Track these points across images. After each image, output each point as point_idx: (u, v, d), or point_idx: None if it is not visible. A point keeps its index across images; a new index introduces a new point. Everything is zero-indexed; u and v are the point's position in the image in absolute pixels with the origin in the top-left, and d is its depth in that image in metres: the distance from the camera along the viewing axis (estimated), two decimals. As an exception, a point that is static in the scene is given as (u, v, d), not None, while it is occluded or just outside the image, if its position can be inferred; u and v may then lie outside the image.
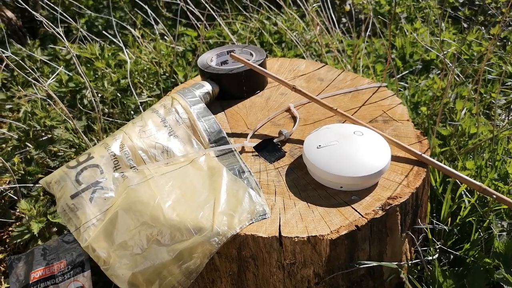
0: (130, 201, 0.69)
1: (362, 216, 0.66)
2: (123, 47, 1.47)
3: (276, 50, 1.62)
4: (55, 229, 1.02)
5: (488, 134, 1.06)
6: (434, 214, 0.89)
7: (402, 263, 0.74)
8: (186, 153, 0.79)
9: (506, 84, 1.40)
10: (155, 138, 0.78)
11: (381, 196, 0.69)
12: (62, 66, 1.66)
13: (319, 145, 0.73)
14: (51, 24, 1.15)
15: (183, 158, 0.78)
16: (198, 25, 1.73)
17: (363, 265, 0.68)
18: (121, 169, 0.74)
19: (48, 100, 1.16)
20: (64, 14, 1.45)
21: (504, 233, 0.74)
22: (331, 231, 0.64)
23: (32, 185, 1.07)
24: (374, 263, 0.68)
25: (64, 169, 0.73)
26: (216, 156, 0.79)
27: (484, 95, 1.33)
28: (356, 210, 0.67)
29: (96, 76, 1.47)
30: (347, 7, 2.10)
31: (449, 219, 0.84)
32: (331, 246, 0.64)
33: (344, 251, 0.66)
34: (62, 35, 1.13)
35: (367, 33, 1.59)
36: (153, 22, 1.77)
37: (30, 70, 1.10)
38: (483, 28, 1.85)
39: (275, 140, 0.82)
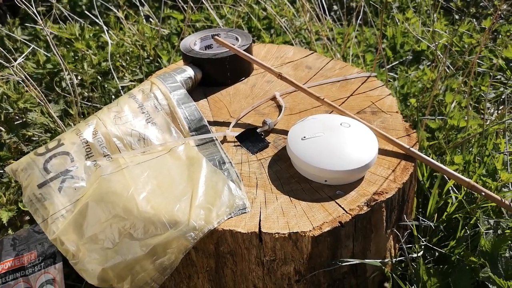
0: (102, 191, 0.65)
1: (346, 212, 0.63)
2: (105, 28, 1.41)
3: (264, 36, 1.57)
4: (27, 217, 0.98)
5: (478, 128, 1.03)
6: (420, 210, 0.87)
7: (386, 260, 0.72)
8: (164, 141, 0.75)
9: (496, 77, 1.38)
10: (131, 125, 0.74)
11: (367, 191, 0.66)
12: (42, 47, 1.59)
13: (304, 137, 0.70)
14: (26, 3, 1.09)
15: (161, 147, 0.74)
16: (185, 7, 1.67)
17: (346, 262, 0.65)
18: (93, 157, 0.70)
19: (22, 82, 1.10)
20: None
21: (491, 231, 0.72)
22: (314, 228, 0.61)
23: (2, 171, 1.01)
24: (357, 261, 0.66)
25: (32, 156, 0.69)
26: (196, 146, 0.75)
27: (474, 88, 1.30)
28: (340, 206, 0.64)
29: (76, 57, 1.41)
30: (339, -6, 2.05)
31: (436, 215, 0.82)
32: (313, 243, 0.61)
33: (327, 248, 0.63)
34: (37, 13, 1.07)
35: (358, 21, 1.54)
36: (138, 4, 1.70)
37: (3, 51, 1.03)
38: (474, 20, 1.83)
39: (258, 130, 0.78)
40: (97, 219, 0.63)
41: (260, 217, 0.63)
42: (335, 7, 2.06)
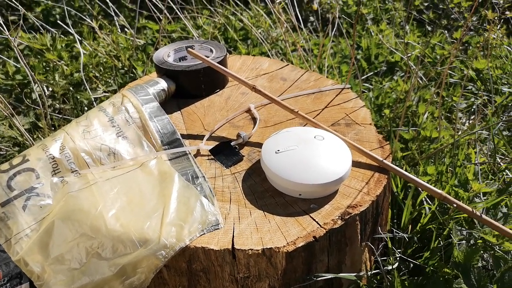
0: (69, 209, 0.62)
1: (321, 226, 0.62)
2: (78, 38, 1.38)
3: (241, 47, 1.57)
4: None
5: (450, 138, 1.05)
6: (395, 220, 0.88)
7: (361, 273, 0.71)
8: (135, 156, 0.73)
9: (467, 88, 1.42)
10: (101, 139, 0.72)
11: (341, 204, 0.66)
12: (12, 57, 1.55)
13: (278, 150, 0.69)
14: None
15: (132, 161, 0.72)
16: (161, 17, 1.66)
17: (321, 277, 0.64)
18: (60, 174, 0.67)
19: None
20: (16, 1, 1.34)
21: (464, 242, 0.73)
22: (288, 243, 0.60)
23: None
24: (332, 275, 0.65)
25: (-6, 173, 0.66)
26: (169, 160, 0.74)
27: (446, 98, 1.33)
28: (314, 220, 0.64)
29: (47, 68, 1.37)
30: (315, 6, 2.08)
31: (410, 226, 0.83)
32: (287, 259, 0.60)
33: (301, 263, 0.62)
34: (7, 23, 1.04)
35: (333, 32, 1.56)
36: (113, 13, 1.68)
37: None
38: (446, 31, 1.88)
39: (233, 143, 0.77)
40: (63, 239, 0.61)
41: (233, 233, 0.62)
42: (311, 18, 2.09)
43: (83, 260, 0.59)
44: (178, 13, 1.53)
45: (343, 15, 1.94)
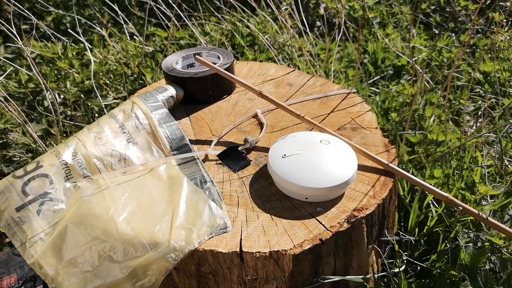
0: (81, 213, 0.64)
1: (327, 229, 0.63)
2: (88, 47, 1.41)
3: (248, 53, 1.59)
4: (7, 240, 0.96)
5: (456, 142, 1.05)
6: (402, 223, 0.88)
7: (368, 276, 0.72)
8: (145, 161, 0.75)
9: (475, 91, 1.42)
10: (112, 145, 0.74)
11: (347, 207, 0.67)
12: (24, 66, 1.58)
13: (284, 154, 0.70)
14: (5, 23, 1.08)
15: (142, 166, 0.74)
16: (169, 25, 1.69)
17: (328, 279, 0.65)
18: (73, 179, 0.69)
19: (2, 102, 1.09)
20: (28, 11, 1.37)
21: (470, 244, 0.73)
22: (294, 246, 0.61)
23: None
24: (339, 278, 0.66)
25: (10, 179, 0.68)
26: (178, 165, 0.75)
27: (453, 101, 1.33)
28: (320, 223, 0.65)
29: (59, 76, 1.40)
30: (321, 11, 2.09)
31: (417, 229, 0.83)
32: (294, 261, 0.61)
33: (308, 266, 0.63)
34: (20, 32, 1.07)
35: (339, 37, 1.58)
36: (122, 21, 1.71)
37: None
38: (453, 34, 1.88)
39: (240, 148, 0.79)
40: (76, 242, 0.62)
41: (241, 236, 0.63)
42: (318, 23, 2.10)
43: (95, 263, 0.61)
44: (186, 20, 1.56)
45: (349, 20, 1.95)
